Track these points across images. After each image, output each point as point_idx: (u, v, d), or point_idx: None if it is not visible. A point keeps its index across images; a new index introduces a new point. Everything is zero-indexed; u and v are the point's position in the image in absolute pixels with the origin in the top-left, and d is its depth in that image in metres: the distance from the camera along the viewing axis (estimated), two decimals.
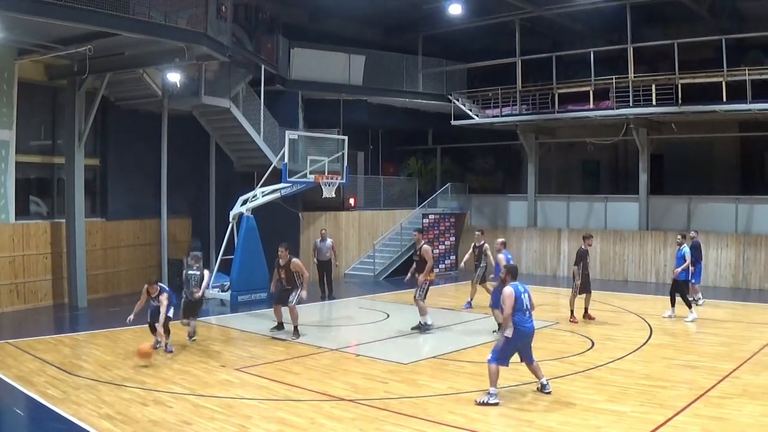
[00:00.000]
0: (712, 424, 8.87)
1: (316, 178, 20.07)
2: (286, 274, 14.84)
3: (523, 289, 10.25)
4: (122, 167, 21.62)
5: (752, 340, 14.04)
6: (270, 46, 23.82)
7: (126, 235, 21.75)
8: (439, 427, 9.01)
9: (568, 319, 16.51)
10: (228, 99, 21.59)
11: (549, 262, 26.93)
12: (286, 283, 14.89)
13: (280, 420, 9.32)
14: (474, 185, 32.31)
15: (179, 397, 10.33)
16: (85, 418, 9.22)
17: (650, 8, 24.25)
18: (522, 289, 10.25)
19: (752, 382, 10.82)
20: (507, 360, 10.20)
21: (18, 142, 18.35)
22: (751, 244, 22.42)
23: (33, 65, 18.58)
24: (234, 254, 19.98)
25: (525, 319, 10.15)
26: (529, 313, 10.24)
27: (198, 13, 17.03)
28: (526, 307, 10.19)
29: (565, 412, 9.52)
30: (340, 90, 26.43)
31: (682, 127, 24.77)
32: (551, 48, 27.36)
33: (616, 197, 26.73)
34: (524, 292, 10.23)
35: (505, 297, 10.08)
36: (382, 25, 29.54)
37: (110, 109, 21.26)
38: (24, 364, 12.22)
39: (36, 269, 18.73)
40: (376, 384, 11.17)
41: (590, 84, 24.43)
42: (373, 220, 26.99)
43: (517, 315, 10.05)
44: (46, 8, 14.08)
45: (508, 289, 10.16)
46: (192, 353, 13.31)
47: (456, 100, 27.66)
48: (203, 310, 16.53)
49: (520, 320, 10.08)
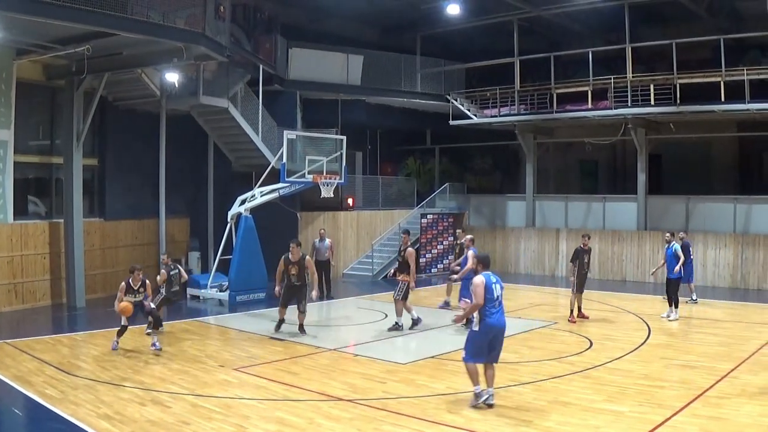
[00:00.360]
0: (711, 424, 8.87)
1: (314, 178, 20.05)
2: (297, 271, 14.74)
3: (495, 280, 9.84)
4: (120, 167, 21.61)
5: (750, 340, 14.05)
6: (268, 46, 23.82)
7: (124, 235, 21.75)
8: (438, 427, 9.01)
9: (567, 318, 16.55)
10: (226, 99, 21.58)
11: (547, 262, 26.95)
12: (296, 279, 14.77)
13: (278, 420, 9.31)
14: (472, 185, 32.34)
15: (178, 397, 10.32)
16: (84, 418, 9.21)
17: (648, 8, 24.26)
18: (494, 279, 9.84)
19: (750, 382, 10.82)
20: (482, 355, 9.75)
21: (16, 142, 18.34)
22: (749, 244, 22.44)
23: (31, 65, 18.58)
24: (232, 254, 19.97)
25: (495, 311, 9.70)
26: (499, 305, 9.80)
27: (196, 13, 17.04)
28: (497, 297, 9.76)
29: (564, 412, 9.52)
30: (339, 90, 26.42)
31: (680, 127, 24.79)
32: (549, 48, 27.36)
33: (615, 197, 26.75)
34: (496, 283, 9.81)
35: (476, 285, 9.70)
36: (380, 25, 29.53)
37: (108, 109, 21.26)
38: (22, 364, 12.21)
39: (34, 269, 18.72)
40: (375, 384, 11.16)
41: (588, 84, 24.44)
42: (372, 220, 26.99)
43: (486, 306, 9.64)
44: (44, 8, 14.08)
45: (478, 278, 9.77)
46: (190, 353, 13.29)
47: (454, 100, 27.66)
48: (201, 310, 16.58)
49: (489, 311, 9.65)
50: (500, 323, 9.80)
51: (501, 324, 9.81)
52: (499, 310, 9.79)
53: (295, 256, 14.75)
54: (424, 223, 27.00)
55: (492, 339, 9.75)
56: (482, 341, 9.72)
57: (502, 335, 9.90)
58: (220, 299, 19.72)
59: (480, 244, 28.00)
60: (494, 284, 9.78)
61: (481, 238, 28.43)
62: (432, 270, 27.02)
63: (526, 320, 16.69)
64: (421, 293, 20.99)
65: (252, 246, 19.85)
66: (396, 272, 15.70)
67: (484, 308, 9.65)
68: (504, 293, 10.03)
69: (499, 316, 9.78)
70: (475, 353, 9.74)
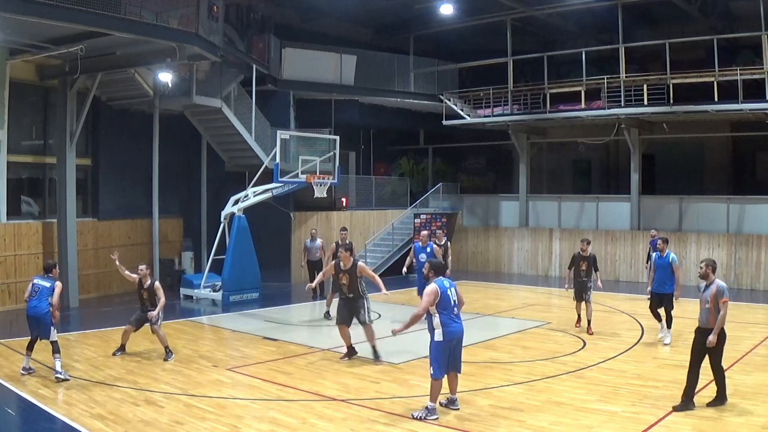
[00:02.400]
0: (704, 424, 8.91)
1: (307, 178, 20.06)
2: (349, 281, 12.75)
3: (448, 285, 9.55)
4: (114, 167, 21.59)
5: (744, 340, 14.08)
6: (261, 46, 23.83)
7: (117, 235, 21.72)
8: (431, 427, 9.02)
9: (559, 317, 16.58)
10: (219, 99, 21.58)
11: (540, 262, 26.98)
12: (347, 290, 12.82)
13: (271, 420, 9.31)
14: (466, 185, 32.40)
15: (171, 397, 10.32)
16: (77, 418, 9.20)
17: (641, 8, 24.31)
18: (447, 284, 9.54)
19: (743, 382, 10.85)
20: (446, 366, 9.44)
21: (9, 142, 18.34)
22: (742, 244, 22.51)
23: (24, 65, 18.55)
24: (225, 254, 19.96)
25: (452, 319, 9.40)
26: (457, 311, 9.51)
27: (189, 13, 17.03)
28: (453, 303, 9.45)
29: (557, 412, 9.53)
30: (332, 90, 26.41)
31: (673, 127, 24.85)
32: (543, 48, 27.42)
33: (608, 197, 26.81)
34: (450, 287, 9.52)
35: (426, 294, 9.37)
36: (373, 25, 29.54)
37: (102, 108, 21.24)
38: (15, 363, 12.16)
39: (27, 269, 18.66)
40: (368, 384, 11.18)
41: (582, 84, 24.47)
42: (365, 220, 26.98)
43: (443, 315, 9.32)
44: (37, 8, 14.05)
45: (430, 287, 9.40)
46: (183, 353, 13.27)
47: (447, 99, 27.66)
48: (195, 311, 16.56)
49: (447, 320, 9.33)
50: (459, 330, 9.52)
51: (460, 331, 9.53)
52: (456, 317, 9.50)
53: (345, 264, 12.87)
54: (418, 223, 27.01)
55: (453, 347, 9.50)
56: (446, 351, 9.40)
57: (461, 342, 9.68)
58: (214, 299, 19.71)
59: (473, 244, 28.20)
60: (449, 289, 9.50)
61: (474, 238, 28.55)
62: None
63: (520, 320, 16.73)
64: (413, 293, 20.97)
65: (245, 246, 19.86)
66: None
67: (443, 317, 9.35)
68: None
69: (459, 323, 9.50)
70: (443, 366, 9.39)
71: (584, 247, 15.30)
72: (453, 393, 9.74)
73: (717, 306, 9.45)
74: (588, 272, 15.10)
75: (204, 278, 20.31)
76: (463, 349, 9.75)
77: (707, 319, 9.52)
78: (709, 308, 9.52)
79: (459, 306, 9.61)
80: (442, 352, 9.36)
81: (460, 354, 9.62)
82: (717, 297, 9.46)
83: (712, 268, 9.82)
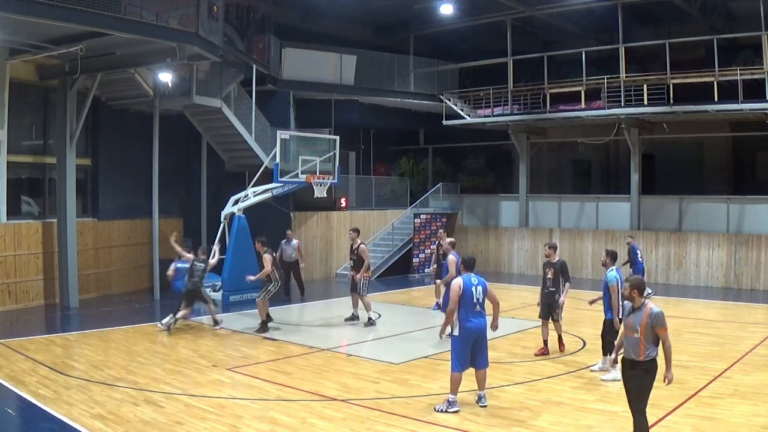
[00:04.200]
0: (704, 424, 8.91)
1: (307, 178, 20.05)
2: (354, 260, 16.00)
3: (476, 282, 9.63)
4: (113, 167, 21.54)
5: (744, 340, 14.09)
6: (261, 46, 23.82)
7: (117, 235, 21.69)
8: (431, 427, 9.02)
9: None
10: (219, 99, 21.55)
11: (540, 262, 26.80)
12: (352, 268, 16.05)
13: (271, 420, 9.31)
14: (466, 185, 32.39)
15: (171, 397, 10.31)
16: (77, 418, 9.19)
17: (641, 8, 24.33)
18: (475, 281, 9.62)
19: (743, 382, 10.86)
20: (468, 362, 9.59)
21: (9, 142, 18.29)
22: (742, 244, 22.50)
23: (24, 65, 18.52)
24: (225, 254, 19.94)
25: (472, 315, 9.47)
26: (480, 308, 9.57)
27: (189, 13, 17.00)
28: (476, 301, 9.51)
29: (557, 412, 9.54)
30: (332, 90, 26.42)
31: (673, 127, 24.86)
32: (543, 48, 27.43)
33: (608, 197, 26.81)
34: (476, 285, 9.58)
35: (451, 289, 9.54)
36: (373, 25, 29.56)
37: (101, 108, 21.20)
38: (15, 363, 12.17)
39: (27, 269, 18.66)
40: (368, 384, 11.17)
41: (582, 84, 24.48)
42: (365, 220, 26.97)
43: (462, 310, 9.45)
44: (37, 8, 14.03)
45: (456, 281, 9.58)
46: (183, 353, 13.28)
47: (447, 100, 27.67)
48: (195, 310, 16.57)
49: (465, 316, 9.44)
50: (479, 327, 9.59)
51: (480, 327, 9.60)
52: (478, 314, 9.57)
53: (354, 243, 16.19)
54: (417, 223, 27.01)
55: (474, 343, 9.60)
56: (465, 346, 9.56)
57: (485, 338, 9.76)
58: (214, 299, 19.65)
59: (473, 243, 28.14)
60: (474, 287, 9.60)
61: (474, 238, 28.51)
62: (425, 270, 27.02)
63: (520, 320, 16.73)
64: (413, 293, 21.05)
65: (245, 246, 19.81)
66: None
67: (461, 312, 9.48)
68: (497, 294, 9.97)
69: (479, 319, 9.57)
70: (462, 361, 9.56)
71: (548, 252, 13.44)
72: (480, 389, 9.84)
73: (649, 336, 7.62)
74: (555, 281, 13.12)
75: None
76: None
77: (636, 351, 7.67)
78: (638, 338, 7.64)
79: (493, 306, 9.84)
80: (461, 347, 9.55)
81: (482, 351, 9.73)
82: (652, 326, 7.60)
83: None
